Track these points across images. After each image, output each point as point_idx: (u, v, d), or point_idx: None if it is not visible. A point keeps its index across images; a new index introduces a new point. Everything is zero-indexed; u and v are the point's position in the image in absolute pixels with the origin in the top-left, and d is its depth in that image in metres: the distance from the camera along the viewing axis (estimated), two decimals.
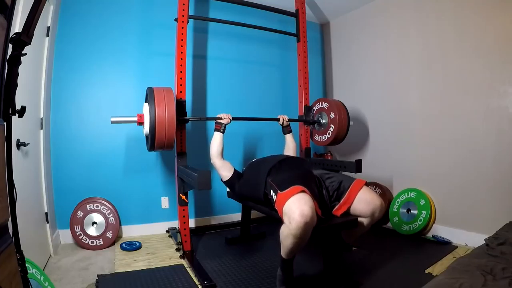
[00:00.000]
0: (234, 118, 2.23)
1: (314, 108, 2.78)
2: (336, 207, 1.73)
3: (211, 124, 2.88)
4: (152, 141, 1.96)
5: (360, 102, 3.21)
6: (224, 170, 2.09)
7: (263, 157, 2.16)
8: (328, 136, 2.63)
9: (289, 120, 2.49)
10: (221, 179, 2.13)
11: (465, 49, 2.31)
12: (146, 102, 2.05)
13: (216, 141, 2.13)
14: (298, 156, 2.60)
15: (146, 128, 1.97)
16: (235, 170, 2.11)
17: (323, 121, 2.68)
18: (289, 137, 2.45)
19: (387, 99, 2.95)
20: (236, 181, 2.07)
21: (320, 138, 2.73)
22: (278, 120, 2.46)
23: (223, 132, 2.16)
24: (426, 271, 1.85)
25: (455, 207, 2.39)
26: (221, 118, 2.18)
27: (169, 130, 1.93)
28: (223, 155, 2.14)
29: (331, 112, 2.60)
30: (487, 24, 2.17)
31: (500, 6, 2.10)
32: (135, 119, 1.99)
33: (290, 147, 2.43)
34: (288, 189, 1.50)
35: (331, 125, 2.60)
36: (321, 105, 2.71)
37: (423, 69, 2.63)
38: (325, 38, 3.71)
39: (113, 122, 1.94)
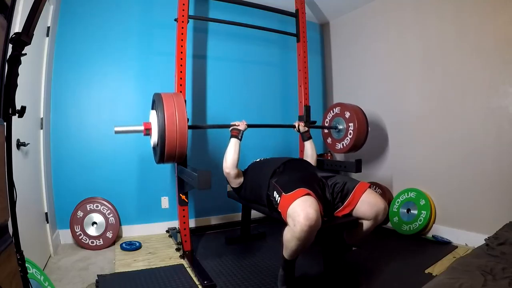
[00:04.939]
0: (249, 125, 2.07)
1: (327, 117, 2.72)
2: (340, 208, 1.72)
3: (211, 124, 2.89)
4: (161, 152, 1.74)
5: (360, 102, 3.19)
6: (238, 178, 1.97)
7: (266, 158, 2.12)
8: (350, 137, 2.51)
9: (308, 126, 2.38)
10: (232, 187, 2.04)
11: (465, 49, 2.31)
12: (152, 109, 1.86)
13: (233, 148, 1.93)
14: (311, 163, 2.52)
15: (154, 138, 1.77)
16: (243, 173, 2.03)
17: (340, 126, 2.60)
18: (308, 144, 2.30)
19: (387, 99, 2.95)
20: (242, 185, 2.01)
21: (342, 144, 2.61)
22: (294, 127, 2.35)
23: (240, 139, 1.99)
24: (426, 271, 1.85)
25: (455, 207, 2.39)
26: (236, 125, 2.03)
27: (180, 139, 1.71)
28: (238, 164, 1.96)
29: (346, 112, 2.53)
30: (487, 24, 2.17)
31: (500, 6, 2.10)
32: (141, 128, 1.80)
33: (308, 155, 2.27)
34: (293, 191, 1.49)
35: (349, 124, 2.51)
36: (334, 111, 2.66)
37: (423, 69, 2.62)
38: (325, 38, 3.70)
39: (116, 132, 1.77)
